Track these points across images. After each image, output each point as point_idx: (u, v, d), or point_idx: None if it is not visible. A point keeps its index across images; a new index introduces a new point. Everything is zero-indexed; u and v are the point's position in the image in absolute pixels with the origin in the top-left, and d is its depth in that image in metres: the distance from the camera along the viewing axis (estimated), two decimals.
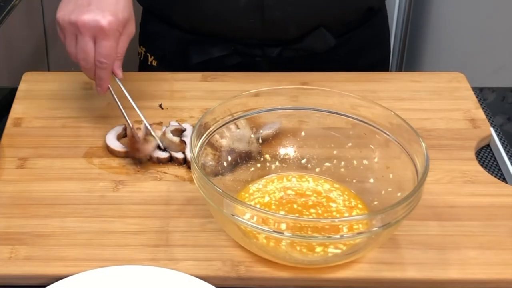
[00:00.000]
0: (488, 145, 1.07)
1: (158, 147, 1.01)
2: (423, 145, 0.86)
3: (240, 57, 1.23)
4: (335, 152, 0.97)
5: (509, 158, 1.03)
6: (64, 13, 0.98)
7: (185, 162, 0.99)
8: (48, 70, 2.19)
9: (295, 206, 0.90)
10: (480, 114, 1.10)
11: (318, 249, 0.82)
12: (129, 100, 1.02)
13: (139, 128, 1.01)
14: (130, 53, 1.08)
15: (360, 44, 1.27)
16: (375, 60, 1.31)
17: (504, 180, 1.00)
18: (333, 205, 0.91)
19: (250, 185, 0.94)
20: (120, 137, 1.04)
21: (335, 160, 0.96)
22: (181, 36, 1.25)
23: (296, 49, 1.22)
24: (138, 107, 1.02)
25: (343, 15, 1.22)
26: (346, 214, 0.89)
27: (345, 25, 1.24)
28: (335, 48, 1.23)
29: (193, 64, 1.23)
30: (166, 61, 1.28)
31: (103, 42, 0.97)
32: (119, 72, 1.02)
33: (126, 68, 1.04)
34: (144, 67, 1.32)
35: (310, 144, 0.98)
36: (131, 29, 1.01)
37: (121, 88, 1.03)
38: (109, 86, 1.02)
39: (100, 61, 0.98)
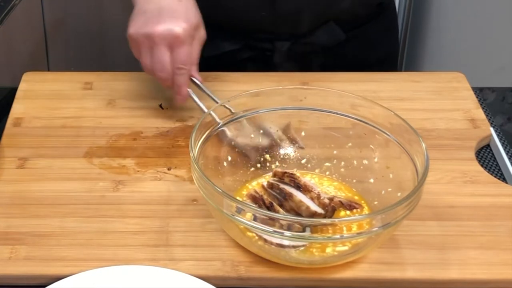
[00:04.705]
0: (488, 145, 1.07)
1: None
2: (423, 145, 0.86)
3: (251, 51, 1.23)
4: (335, 152, 0.97)
5: (509, 158, 1.03)
6: (136, 28, 0.99)
7: None
8: (48, 70, 2.20)
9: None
10: (480, 114, 1.10)
11: (318, 249, 0.82)
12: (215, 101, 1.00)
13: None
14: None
15: (370, 39, 1.28)
16: (384, 55, 1.32)
17: (504, 180, 1.00)
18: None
19: (248, 184, 0.94)
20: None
21: (335, 160, 0.96)
22: None
23: (306, 43, 1.23)
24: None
25: (354, 10, 1.23)
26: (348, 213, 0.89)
27: (355, 20, 1.24)
28: (345, 42, 1.23)
29: (204, 58, 1.23)
30: None
31: (180, 49, 0.98)
32: (197, 75, 1.03)
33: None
34: None
35: (310, 144, 0.98)
36: (202, 33, 1.03)
37: (205, 92, 1.03)
38: (189, 91, 1.02)
39: (178, 67, 0.99)
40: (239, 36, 1.22)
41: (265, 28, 1.21)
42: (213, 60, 1.22)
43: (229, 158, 0.95)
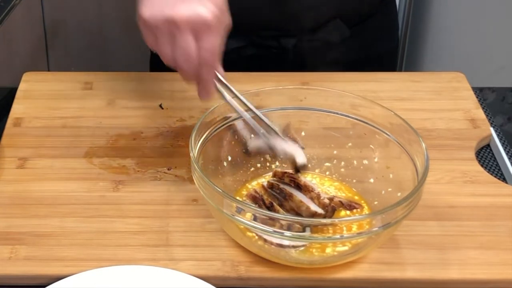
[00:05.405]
0: (488, 145, 1.07)
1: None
2: (423, 145, 0.86)
3: (256, 49, 1.23)
4: (335, 152, 0.97)
5: (509, 158, 1.03)
6: (152, 10, 0.83)
7: None
8: (48, 70, 2.20)
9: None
10: (480, 114, 1.10)
11: (318, 249, 0.82)
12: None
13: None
14: (141, 47, 1.05)
15: (372, 34, 1.28)
16: (385, 51, 1.32)
17: (504, 180, 1.00)
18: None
19: (248, 184, 0.94)
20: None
21: (335, 160, 0.96)
22: None
23: (312, 40, 1.23)
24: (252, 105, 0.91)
25: (359, 6, 1.24)
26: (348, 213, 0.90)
27: (359, 16, 1.25)
28: (348, 38, 1.24)
29: None
30: None
31: (208, 37, 0.82)
32: (221, 70, 0.87)
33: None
34: (156, 61, 1.30)
35: (310, 144, 0.98)
36: (228, 19, 0.87)
37: (230, 89, 0.89)
38: (220, 87, 0.88)
39: (205, 59, 0.83)
40: (245, 33, 1.22)
41: (271, 26, 1.21)
42: None
43: (229, 158, 0.95)
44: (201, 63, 0.84)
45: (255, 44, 1.23)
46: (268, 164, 0.97)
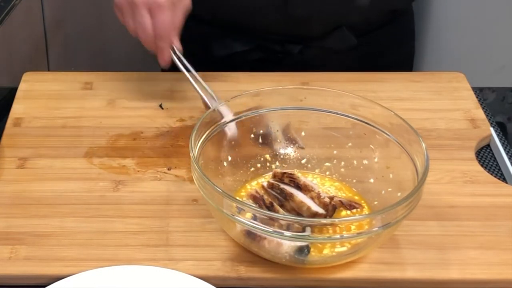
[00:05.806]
0: (488, 145, 1.07)
1: None
2: (423, 145, 0.86)
3: (262, 53, 1.24)
4: (335, 152, 0.97)
5: (509, 158, 1.03)
6: None
7: None
8: (48, 70, 2.20)
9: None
10: (480, 114, 1.10)
11: (317, 249, 0.82)
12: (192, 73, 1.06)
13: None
14: (142, 48, 1.07)
15: (382, 45, 1.27)
16: (396, 61, 1.31)
17: (504, 180, 1.00)
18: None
19: (248, 184, 0.94)
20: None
21: (335, 160, 0.96)
22: (204, 31, 1.24)
23: (317, 47, 1.23)
24: (202, 79, 1.05)
25: (366, 16, 1.23)
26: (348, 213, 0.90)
27: (367, 26, 1.24)
28: (357, 47, 1.23)
29: (216, 58, 1.23)
30: (188, 56, 1.28)
31: (159, 14, 1.01)
32: (177, 43, 1.05)
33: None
34: None
35: (310, 144, 0.98)
36: (186, 1, 1.04)
37: (182, 61, 1.06)
38: (174, 57, 1.05)
39: (159, 32, 1.02)
40: (251, 37, 1.22)
41: (276, 30, 1.21)
42: (224, 59, 1.23)
43: (229, 158, 0.95)
44: (155, 35, 1.03)
45: (261, 48, 1.23)
46: (268, 164, 0.97)
